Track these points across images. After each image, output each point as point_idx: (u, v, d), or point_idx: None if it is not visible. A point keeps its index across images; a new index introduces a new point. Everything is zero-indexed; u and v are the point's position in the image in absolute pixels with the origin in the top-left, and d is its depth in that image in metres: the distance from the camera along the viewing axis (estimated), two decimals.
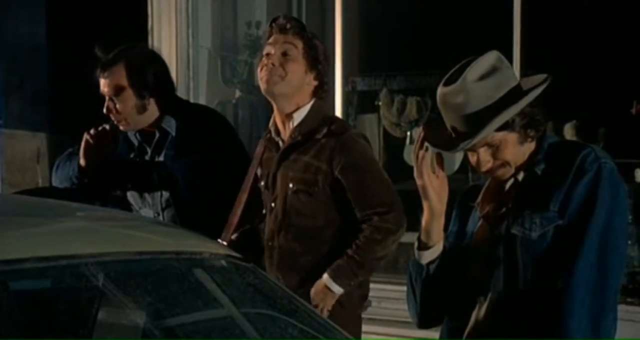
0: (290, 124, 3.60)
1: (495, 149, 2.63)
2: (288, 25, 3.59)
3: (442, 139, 2.67)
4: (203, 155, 3.95)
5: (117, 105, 3.90)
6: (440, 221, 2.72)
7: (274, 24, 3.63)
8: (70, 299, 2.49)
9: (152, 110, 3.94)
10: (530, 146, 2.66)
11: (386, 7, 7.10)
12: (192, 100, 6.43)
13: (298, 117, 3.59)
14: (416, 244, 2.76)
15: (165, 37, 7.00)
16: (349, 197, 3.52)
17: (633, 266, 5.68)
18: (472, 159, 2.68)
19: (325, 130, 3.56)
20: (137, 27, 6.94)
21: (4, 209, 2.93)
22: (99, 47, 3.96)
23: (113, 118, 3.95)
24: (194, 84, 7.28)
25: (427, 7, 6.93)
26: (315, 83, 3.60)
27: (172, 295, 2.59)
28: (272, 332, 2.65)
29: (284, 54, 3.57)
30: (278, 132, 3.67)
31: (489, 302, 2.66)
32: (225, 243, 3.56)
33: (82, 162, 3.95)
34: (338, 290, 3.49)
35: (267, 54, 3.59)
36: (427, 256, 2.74)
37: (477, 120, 2.58)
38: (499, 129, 2.59)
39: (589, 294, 2.54)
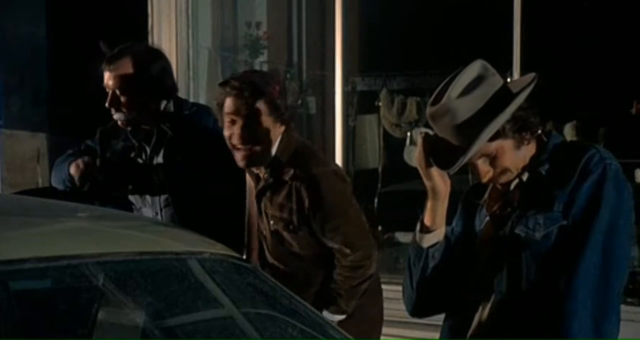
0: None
1: (492, 158, 2.63)
2: (245, 90, 3.50)
3: (439, 156, 2.66)
4: (202, 155, 3.95)
5: (121, 99, 3.91)
6: (444, 204, 2.71)
7: (227, 89, 3.54)
8: (71, 299, 2.49)
9: (154, 108, 3.94)
10: (529, 148, 2.65)
11: (386, 7, 7.10)
12: (192, 100, 6.43)
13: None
14: (418, 227, 2.76)
15: (165, 37, 7.00)
16: (317, 233, 3.57)
17: (633, 266, 5.68)
18: (473, 169, 2.68)
19: (291, 173, 3.55)
20: (137, 27, 6.94)
21: (4, 209, 2.93)
22: (104, 42, 3.98)
23: (114, 112, 3.95)
24: (194, 84, 7.28)
25: (427, 7, 6.93)
26: (282, 128, 3.58)
27: (172, 295, 2.59)
28: (272, 332, 2.65)
29: (250, 122, 3.51)
30: None
31: (492, 302, 2.66)
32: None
33: (72, 170, 3.96)
34: (333, 318, 3.55)
35: (232, 121, 3.52)
36: (428, 240, 2.73)
37: (468, 135, 2.57)
38: (492, 139, 2.59)
39: (592, 295, 2.53)
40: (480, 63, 2.63)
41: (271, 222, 3.61)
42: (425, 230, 2.74)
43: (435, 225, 2.73)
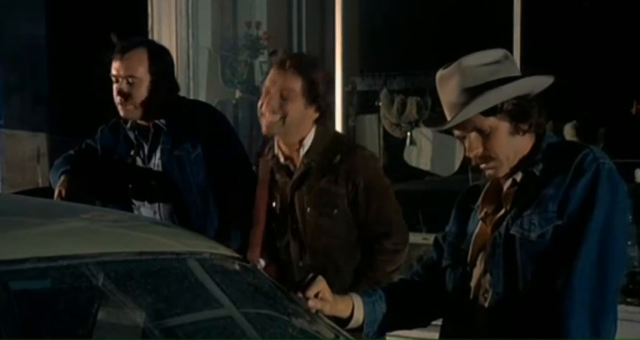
0: (300, 151, 3.65)
1: (485, 137, 2.63)
2: (287, 63, 3.57)
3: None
4: (200, 150, 3.97)
5: (132, 90, 3.92)
6: (336, 307, 2.76)
7: (273, 58, 3.67)
8: (71, 299, 2.48)
9: (158, 102, 3.97)
10: (522, 144, 2.65)
11: (386, 7, 7.10)
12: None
13: (306, 144, 3.64)
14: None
15: (165, 37, 6.99)
16: (360, 215, 3.62)
17: (633, 266, 5.68)
18: (465, 143, 2.69)
19: (338, 157, 3.61)
20: (137, 27, 6.94)
21: (4, 209, 2.93)
22: (114, 34, 4.01)
23: (121, 103, 3.95)
24: (194, 84, 7.27)
25: (427, 7, 6.93)
26: (316, 115, 3.63)
27: (172, 295, 2.58)
28: (272, 332, 2.64)
29: (282, 96, 3.56)
30: (286, 157, 3.69)
31: (489, 303, 2.66)
32: (257, 265, 3.58)
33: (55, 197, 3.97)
34: None
35: (267, 92, 3.59)
36: (357, 321, 2.79)
37: (467, 101, 2.60)
38: (488, 114, 2.59)
39: (589, 294, 2.53)
40: (503, 51, 2.67)
41: (308, 209, 3.62)
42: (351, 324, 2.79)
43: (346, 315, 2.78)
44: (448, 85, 2.65)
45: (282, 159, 3.69)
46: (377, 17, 7.20)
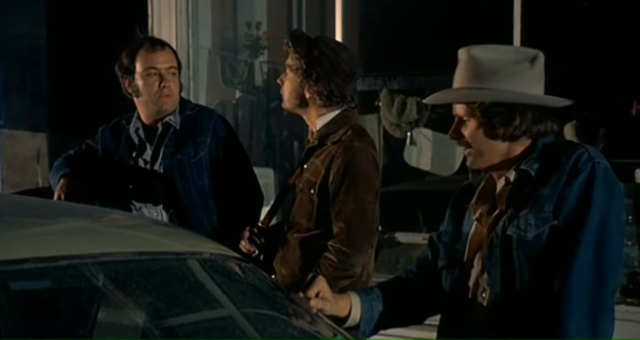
0: (314, 130, 3.68)
1: (463, 124, 2.66)
2: (286, 40, 3.63)
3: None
4: (201, 154, 3.97)
5: (174, 81, 3.95)
6: (335, 307, 2.77)
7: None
8: (71, 299, 2.49)
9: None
10: (502, 148, 2.64)
11: (386, 7, 7.10)
12: (192, 101, 6.45)
13: (319, 123, 3.64)
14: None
15: (165, 37, 6.99)
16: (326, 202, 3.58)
17: (633, 266, 5.68)
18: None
19: (337, 138, 3.59)
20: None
21: (4, 209, 2.93)
22: (137, 27, 4.03)
23: (168, 95, 3.96)
24: (194, 84, 7.28)
25: (427, 7, 6.93)
26: (314, 93, 3.61)
27: (172, 295, 2.59)
28: (272, 332, 2.64)
29: (289, 71, 3.64)
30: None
31: (486, 303, 2.66)
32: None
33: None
34: None
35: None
36: (354, 320, 2.79)
37: (459, 86, 2.65)
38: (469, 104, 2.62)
39: (586, 293, 2.53)
40: (532, 54, 2.71)
41: (300, 185, 3.63)
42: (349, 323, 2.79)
43: (344, 314, 2.79)
44: (461, 63, 2.69)
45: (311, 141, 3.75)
46: (377, 17, 7.21)
